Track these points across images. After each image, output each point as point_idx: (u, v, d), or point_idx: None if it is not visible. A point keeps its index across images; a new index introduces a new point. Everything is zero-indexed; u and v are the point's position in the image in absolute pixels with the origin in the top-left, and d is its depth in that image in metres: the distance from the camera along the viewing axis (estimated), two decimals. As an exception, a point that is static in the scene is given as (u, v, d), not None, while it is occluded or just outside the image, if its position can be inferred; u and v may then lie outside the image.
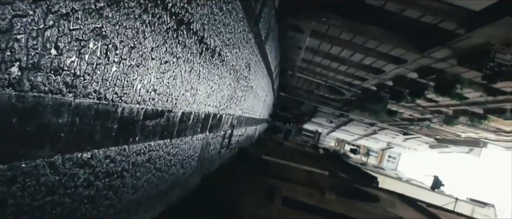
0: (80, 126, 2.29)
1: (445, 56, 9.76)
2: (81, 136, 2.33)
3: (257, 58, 9.46)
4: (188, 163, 5.09)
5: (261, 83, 12.45)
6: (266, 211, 5.23)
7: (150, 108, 3.27)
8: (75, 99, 2.19)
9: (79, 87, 2.21)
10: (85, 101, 2.29)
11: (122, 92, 2.71)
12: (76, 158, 2.35)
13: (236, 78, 7.16)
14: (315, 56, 14.80)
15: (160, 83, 3.36)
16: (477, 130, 19.43)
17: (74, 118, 2.23)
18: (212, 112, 5.76)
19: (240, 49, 6.76)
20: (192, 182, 5.54)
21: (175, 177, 4.58)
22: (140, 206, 3.62)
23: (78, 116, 2.26)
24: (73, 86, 2.16)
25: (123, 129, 2.86)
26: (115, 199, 3.04)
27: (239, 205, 5.16)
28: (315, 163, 13.08)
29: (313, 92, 24.51)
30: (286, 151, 16.73)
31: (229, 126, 7.94)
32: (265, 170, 8.35)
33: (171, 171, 4.38)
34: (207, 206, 5.01)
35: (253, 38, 7.99)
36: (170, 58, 3.42)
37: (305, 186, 8.20)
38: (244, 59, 7.55)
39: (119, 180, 3.05)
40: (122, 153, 2.97)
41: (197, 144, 5.32)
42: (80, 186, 2.48)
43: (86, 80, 2.27)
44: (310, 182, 9.22)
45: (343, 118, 30.89)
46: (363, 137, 41.56)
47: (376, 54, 11.68)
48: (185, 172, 5.02)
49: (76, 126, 2.26)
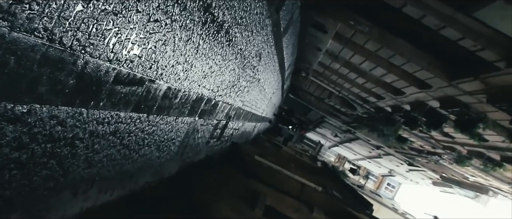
0: (15, 68, 1.82)
1: (474, 90, 9.17)
2: (15, 82, 1.86)
3: (271, 50, 8.95)
4: (167, 147, 4.61)
5: (270, 79, 11.95)
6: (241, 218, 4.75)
7: (125, 71, 2.79)
8: (11, 31, 1.72)
9: (20, 18, 1.73)
10: (27, 38, 1.81)
11: (88, 41, 2.23)
12: (3, 109, 1.87)
13: (242, 65, 6.67)
14: (334, 62, 14.23)
15: (143, 44, 2.87)
16: (488, 176, 18.77)
17: (6, 56, 1.75)
18: (207, 96, 5.28)
19: (253, 33, 6.26)
20: (168, 169, 5.07)
21: (146, 160, 4.11)
22: (92, 185, 3.15)
23: (13, 54, 1.78)
24: (11, 13, 1.68)
25: (83, 88, 2.38)
26: (58, 171, 2.57)
27: (212, 205, 4.68)
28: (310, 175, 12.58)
29: (324, 100, 23.95)
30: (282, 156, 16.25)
31: (224, 116, 7.46)
32: (254, 172, 7.87)
33: (142, 152, 3.91)
34: (177, 199, 4.54)
35: (270, 25, 7.48)
36: (162, 17, 2.93)
37: (294, 198, 7.71)
38: (256, 47, 7.05)
39: (68, 149, 2.57)
40: (77, 117, 2.49)
41: (181, 128, 4.84)
42: (6, 146, 2.01)
43: (34, 11, 1.79)
44: (300, 195, 8.73)
45: (349, 134, 30.27)
46: (365, 159, 40.90)
47: (400, 73, 11.10)
48: (160, 157, 4.55)
49: (8, 67, 1.78)
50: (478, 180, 22.16)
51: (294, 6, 9.23)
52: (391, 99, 14.48)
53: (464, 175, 22.95)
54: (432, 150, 20.89)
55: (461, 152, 16.66)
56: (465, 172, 21.42)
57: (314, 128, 37.00)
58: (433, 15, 6.83)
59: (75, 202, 3.02)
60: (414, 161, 28.01)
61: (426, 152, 22.53)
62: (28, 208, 2.47)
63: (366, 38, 9.29)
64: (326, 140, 42.93)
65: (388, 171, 42.18)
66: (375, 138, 23.46)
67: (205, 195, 4.99)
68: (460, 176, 24.32)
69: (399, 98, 13.68)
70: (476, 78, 8.42)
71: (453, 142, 15.69)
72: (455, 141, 15.25)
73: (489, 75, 7.85)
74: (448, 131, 13.98)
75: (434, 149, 20.18)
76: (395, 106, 15.32)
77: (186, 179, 5.54)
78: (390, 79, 12.24)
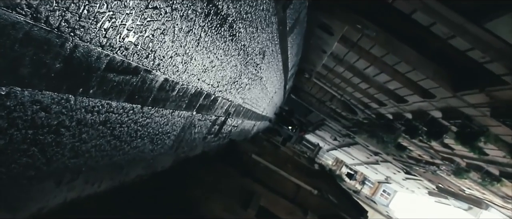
0: (-7, 47, 1.66)
1: (479, 102, 8.98)
2: (-8, 62, 1.70)
3: (275, 48, 8.78)
4: (161, 140, 4.46)
5: (273, 78, 11.78)
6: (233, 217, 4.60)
7: (119, 59, 2.63)
8: (-11, 5, 1.56)
9: (0, -9, 1.57)
10: (8, 14, 1.65)
11: (78, 23, 2.07)
12: (-22, 90, 1.72)
13: (245, 62, 6.51)
14: (338, 65, 14.05)
15: (140, 32, 2.71)
16: (484, 190, 18.60)
17: (-18, 32, 1.59)
18: (206, 91, 5.12)
19: (257, 30, 6.09)
20: (161, 163, 4.92)
21: (138, 152, 3.96)
22: (79, 175, 3.00)
23: (-9, 31, 1.62)
24: (-10, -15, 1.52)
25: (71, 73, 2.22)
26: (41, 159, 2.42)
27: (205, 202, 4.53)
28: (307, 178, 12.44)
29: (325, 103, 23.77)
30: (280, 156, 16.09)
31: (223, 112, 7.30)
32: (250, 171, 7.72)
33: (134, 144, 3.75)
34: (169, 193, 4.39)
35: (276, 23, 7.32)
36: (162, 5, 2.77)
37: (289, 200, 7.56)
38: (260, 44, 6.88)
39: (52, 137, 2.42)
40: (63, 103, 2.34)
41: (177, 122, 4.69)
42: (-19, 130, 1.86)
43: (17, -15, 1.63)
44: (295, 197, 8.58)
45: (348, 139, 30.09)
46: (363, 164, 40.73)
47: (404, 81, 10.91)
48: (154, 150, 4.40)
49: (-15, 44, 1.63)
50: (474, 193, 22.00)
51: (302, 6, 9.04)
52: (393, 106, 14.30)
53: (461, 187, 22.77)
54: (431, 160, 20.70)
55: (460, 164, 16.47)
56: (462, 184, 21.24)
57: (314, 130, 36.83)
58: (443, 24, 6.64)
59: (58, 192, 2.87)
60: (412, 169, 27.83)
61: (424, 161, 22.33)
62: (6, 196, 2.32)
63: (372, 43, 9.11)
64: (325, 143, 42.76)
65: (385, 178, 42.01)
66: (374, 145, 23.28)
67: (198, 191, 4.84)
68: (456, 188, 24.14)
69: (401, 106, 13.50)
70: (482, 90, 8.24)
71: (452, 154, 15.51)
72: (454, 152, 15.07)
73: (495, 88, 7.66)
74: (448, 143, 13.79)
75: (432, 159, 20.00)
76: (397, 114, 15.14)
77: (180, 174, 5.39)
78: (394, 86, 12.05)
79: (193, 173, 5.77)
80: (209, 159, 7.42)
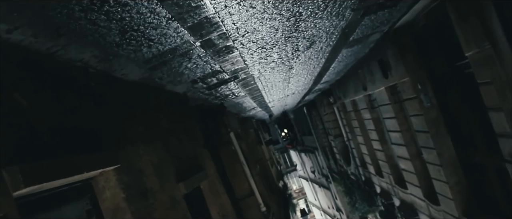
0: None
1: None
2: None
3: (325, 48, 7.57)
4: (136, 42, 3.34)
5: (301, 77, 10.60)
6: (158, 182, 3.54)
7: None
8: None
9: None
10: None
11: None
12: None
13: (288, 34, 5.35)
14: (367, 110, 12.77)
15: None
16: None
17: None
18: (226, 29, 3.98)
19: (324, 12, 4.90)
20: (124, 69, 3.81)
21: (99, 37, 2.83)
22: None
23: None
24: None
25: None
26: None
27: (133, 150, 3.47)
28: (265, 188, 11.41)
29: (328, 136, 22.59)
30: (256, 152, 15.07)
31: (232, 71, 6.19)
32: (216, 145, 6.65)
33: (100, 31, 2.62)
34: (104, 112, 3.31)
35: (345, 22, 6.08)
36: None
37: (232, 200, 6.51)
38: (315, 29, 5.69)
39: None
40: None
41: (171, 37, 3.56)
42: None
43: None
44: (241, 200, 7.54)
45: (324, 180, 29.03)
46: (321, 210, 39.79)
47: (421, 169, 9.72)
48: (121, 46, 3.27)
49: None
50: None
51: (378, 29, 7.78)
52: (389, 183, 13.13)
53: None
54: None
55: None
56: None
57: (301, 151, 35.77)
58: None
59: None
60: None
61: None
62: None
63: (419, 112, 7.90)
64: (303, 168, 41.74)
65: (332, 235, 41.11)
66: (344, 201, 22.24)
67: (136, 130, 3.77)
68: None
69: (396, 188, 12.33)
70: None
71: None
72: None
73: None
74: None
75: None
76: (386, 192, 13.98)
77: (138, 96, 4.32)
78: (405, 166, 10.83)
79: (154, 106, 4.69)
80: (185, 106, 6.33)
